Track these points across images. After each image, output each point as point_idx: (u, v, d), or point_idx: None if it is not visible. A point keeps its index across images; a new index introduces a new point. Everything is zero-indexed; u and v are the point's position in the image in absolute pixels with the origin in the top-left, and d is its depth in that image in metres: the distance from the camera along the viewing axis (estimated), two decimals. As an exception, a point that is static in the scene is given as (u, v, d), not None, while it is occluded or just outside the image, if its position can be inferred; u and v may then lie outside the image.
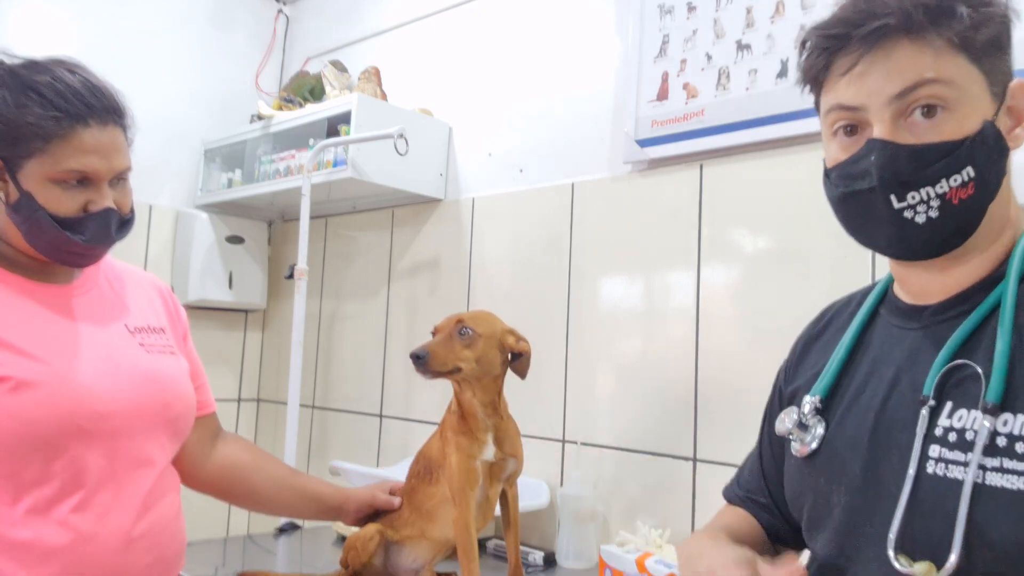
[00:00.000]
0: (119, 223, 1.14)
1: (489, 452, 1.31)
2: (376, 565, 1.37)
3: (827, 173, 0.83)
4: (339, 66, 2.51)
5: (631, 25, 1.85)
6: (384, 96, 2.37)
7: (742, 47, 1.64)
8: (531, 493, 1.79)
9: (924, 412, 0.75)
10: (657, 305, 1.76)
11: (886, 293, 0.89)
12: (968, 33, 0.74)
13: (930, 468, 0.73)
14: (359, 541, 1.36)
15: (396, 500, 1.41)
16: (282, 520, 2.02)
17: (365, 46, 2.65)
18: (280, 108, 2.51)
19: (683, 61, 1.74)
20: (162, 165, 2.65)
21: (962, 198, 0.73)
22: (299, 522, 2.04)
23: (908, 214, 0.75)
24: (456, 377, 1.29)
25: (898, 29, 0.74)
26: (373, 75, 2.37)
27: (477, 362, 1.28)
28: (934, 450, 0.73)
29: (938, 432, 0.74)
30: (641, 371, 1.77)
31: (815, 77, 0.82)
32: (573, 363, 1.90)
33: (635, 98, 1.81)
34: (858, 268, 1.43)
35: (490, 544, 1.75)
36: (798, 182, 1.55)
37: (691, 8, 1.74)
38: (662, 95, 1.77)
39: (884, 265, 0.88)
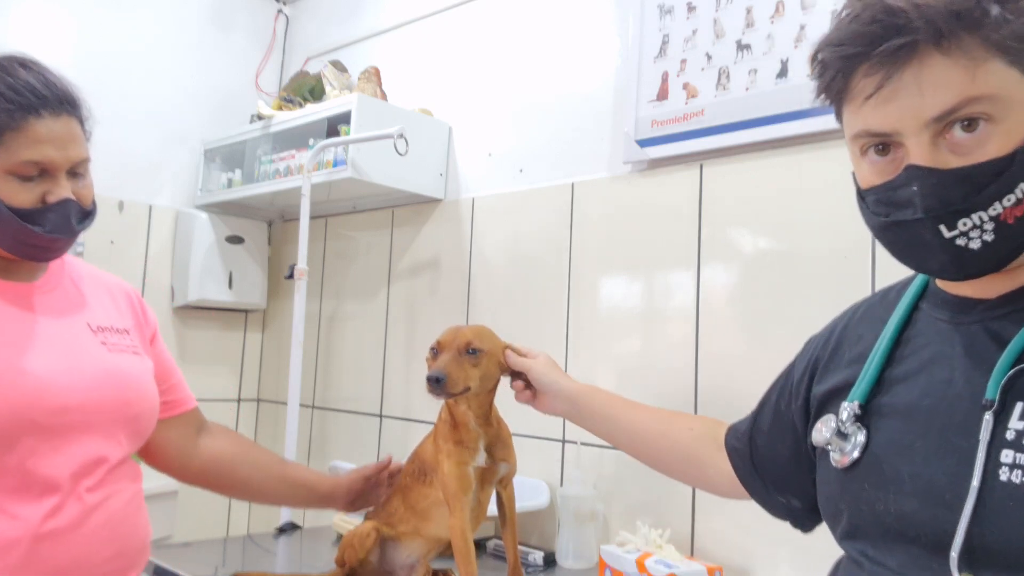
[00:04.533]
0: (80, 215, 1.12)
1: (481, 458, 1.32)
2: (372, 562, 1.37)
3: (861, 195, 0.76)
4: (339, 66, 2.51)
5: (631, 25, 1.85)
6: (384, 96, 2.37)
7: (742, 47, 1.64)
8: (531, 493, 1.79)
9: (988, 417, 0.68)
10: (657, 305, 1.76)
11: (927, 285, 0.83)
12: (1005, 34, 0.66)
13: (1003, 475, 0.66)
14: (355, 539, 1.36)
15: (385, 459, 1.38)
16: (282, 520, 2.02)
17: (365, 46, 2.65)
18: (280, 108, 2.51)
19: (683, 61, 1.74)
20: (162, 165, 2.66)
21: (1017, 216, 0.67)
22: (299, 522, 2.04)
23: (961, 242, 0.68)
24: (465, 396, 1.29)
25: (926, 43, 0.66)
26: (373, 75, 2.37)
27: (481, 380, 1.29)
28: (1007, 456, 0.66)
29: (1010, 436, 0.67)
30: (641, 371, 1.77)
31: (835, 97, 0.75)
32: (573, 363, 1.90)
33: (635, 98, 1.81)
34: (859, 268, 1.43)
35: (489, 544, 1.75)
36: (798, 182, 1.55)
37: (691, 8, 1.74)
38: (662, 95, 1.76)
39: (885, 264, 0.87)
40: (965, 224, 0.68)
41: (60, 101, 1.08)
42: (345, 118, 2.18)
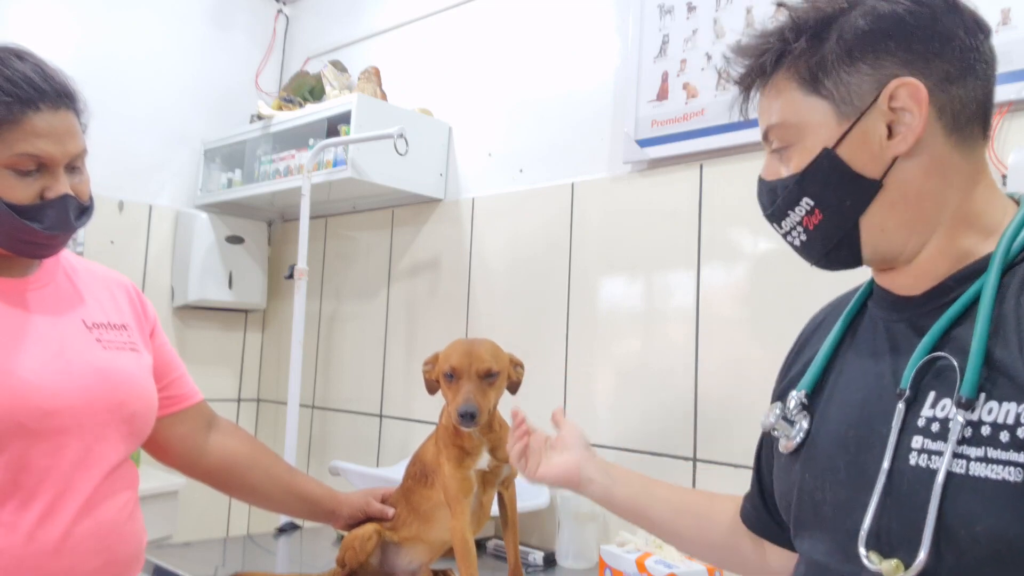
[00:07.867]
0: (78, 210, 1.10)
1: (483, 462, 1.31)
2: (373, 564, 1.37)
3: None
4: (339, 66, 2.51)
5: (631, 25, 1.85)
6: (384, 96, 2.37)
7: (742, 47, 1.64)
8: (531, 493, 1.78)
9: (901, 405, 0.74)
10: (657, 305, 1.76)
11: (874, 286, 0.89)
12: (801, 65, 0.78)
13: (912, 460, 0.71)
14: (357, 541, 1.36)
15: (389, 511, 1.41)
16: (282, 520, 2.02)
17: (365, 46, 2.65)
18: (280, 108, 2.51)
19: (683, 61, 1.74)
20: (162, 165, 2.66)
21: (815, 223, 0.80)
22: (299, 522, 2.04)
23: (789, 238, 0.84)
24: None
25: (760, 77, 0.82)
26: (373, 75, 2.37)
27: (496, 400, 1.29)
28: (917, 441, 0.71)
29: (921, 423, 0.72)
30: (641, 371, 1.77)
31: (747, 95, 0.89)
32: (573, 363, 1.90)
33: (635, 98, 1.81)
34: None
35: (490, 544, 1.75)
36: (798, 182, 1.55)
37: (691, 8, 1.74)
38: (662, 95, 1.77)
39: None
40: (785, 225, 0.83)
41: (58, 94, 1.06)
42: (345, 118, 2.18)
